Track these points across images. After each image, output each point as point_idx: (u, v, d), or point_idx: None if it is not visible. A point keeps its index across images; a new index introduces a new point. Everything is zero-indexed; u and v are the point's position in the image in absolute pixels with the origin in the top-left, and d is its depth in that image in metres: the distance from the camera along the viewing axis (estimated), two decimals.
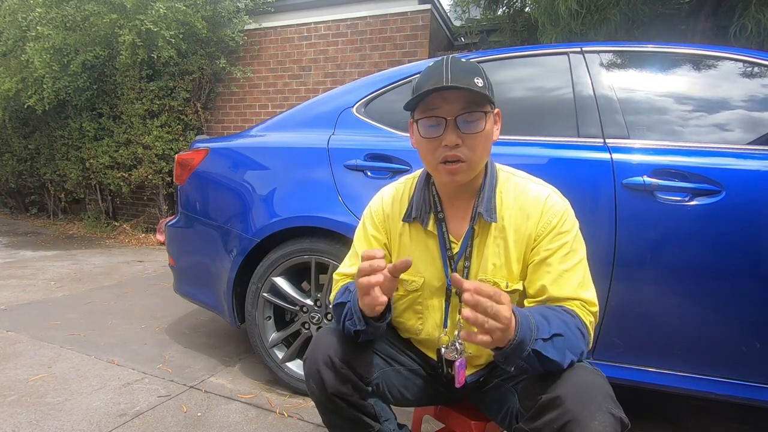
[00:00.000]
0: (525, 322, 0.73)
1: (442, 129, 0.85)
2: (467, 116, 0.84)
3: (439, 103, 0.85)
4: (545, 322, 0.76)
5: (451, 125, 0.84)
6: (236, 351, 2.23)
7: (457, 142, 0.84)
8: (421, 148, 0.90)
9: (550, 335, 0.74)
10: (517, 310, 0.73)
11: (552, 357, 0.74)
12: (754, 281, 1.27)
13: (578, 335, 0.79)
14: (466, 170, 0.87)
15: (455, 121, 0.84)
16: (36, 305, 2.81)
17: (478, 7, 4.79)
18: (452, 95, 0.84)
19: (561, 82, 1.58)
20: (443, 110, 0.84)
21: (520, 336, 0.70)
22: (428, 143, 0.87)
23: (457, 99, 0.84)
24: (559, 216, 0.89)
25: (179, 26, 4.73)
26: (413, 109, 0.90)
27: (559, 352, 0.75)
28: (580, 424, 0.69)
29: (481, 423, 1.01)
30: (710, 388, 1.34)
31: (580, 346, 0.79)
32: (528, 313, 0.76)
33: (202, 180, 2.00)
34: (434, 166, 0.89)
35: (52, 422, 1.54)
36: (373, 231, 1.02)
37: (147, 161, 5.24)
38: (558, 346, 0.75)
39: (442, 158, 0.86)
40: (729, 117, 1.45)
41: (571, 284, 0.85)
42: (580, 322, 0.82)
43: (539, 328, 0.74)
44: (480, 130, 0.85)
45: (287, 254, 1.75)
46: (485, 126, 0.86)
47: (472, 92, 0.82)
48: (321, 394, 0.91)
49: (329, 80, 4.91)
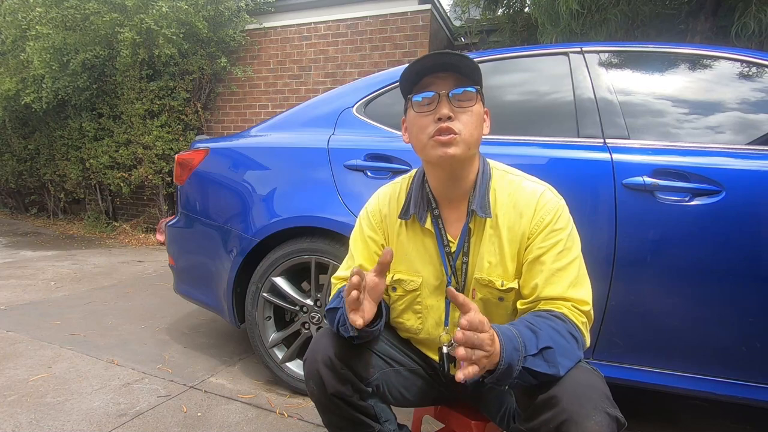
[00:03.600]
0: (510, 344, 0.72)
1: (435, 104, 0.86)
2: (460, 95, 0.86)
3: (433, 81, 0.87)
4: (533, 337, 0.75)
5: (444, 98, 0.86)
6: (236, 351, 2.23)
7: (450, 114, 0.85)
8: (413, 127, 0.90)
9: (539, 350, 0.74)
10: (502, 332, 0.73)
11: (543, 371, 0.73)
12: (754, 281, 1.27)
13: (571, 341, 0.78)
14: (459, 143, 0.86)
15: (448, 95, 0.86)
16: (36, 305, 2.81)
17: (477, 7, 4.80)
18: (445, 75, 0.87)
19: (561, 82, 1.58)
20: (436, 86, 0.87)
21: (506, 360, 0.71)
22: (421, 118, 0.88)
23: (449, 77, 0.87)
24: (552, 213, 0.88)
25: (180, 26, 4.73)
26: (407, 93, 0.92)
27: (550, 365, 0.74)
28: (576, 424, 0.69)
29: (481, 423, 1.01)
30: (710, 388, 1.34)
31: (575, 352, 0.78)
32: (515, 332, 0.74)
33: (202, 180, 2.00)
34: (426, 143, 0.88)
35: (51, 422, 1.54)
36: (369, 232, 1.02)
37: (147, 161, 5.24)
38: (549, 358, 0.74)
39: (434, 132, 0.86)
40: (729, 117, 1.45)
41: (563, 283, 0.85)
42: (571, 326, 0.81)
43: (526, 345, 0.74)
44: (472, 105, 0.87)
45: (287, 254, 1.75)
46: (476, 104, 0.88)
47: (464, 74, 0.86)
48: (321, 394, 0.91)
49: (329, 80, 4.91)
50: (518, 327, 0.77)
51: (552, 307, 0.84)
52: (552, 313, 0.82)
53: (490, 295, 0.92)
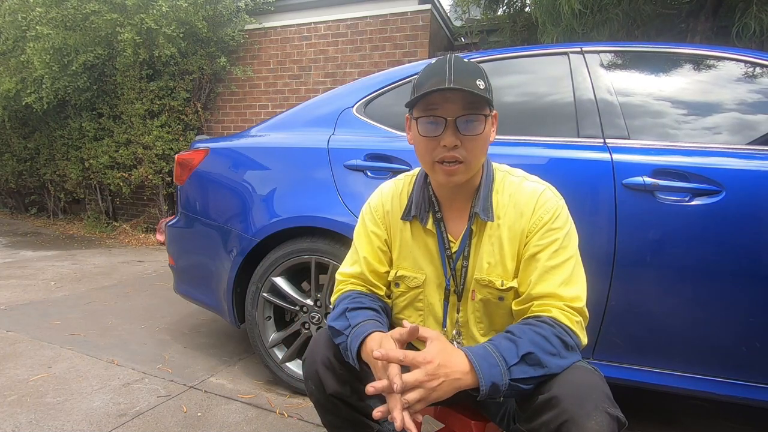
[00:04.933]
0: (484, 362, 0.73)
1: (441, 129, 0.84)
2: (467, 118, 0.84)
3: (440, 103, 0.84)
4: (512, 346, 0.76)
5: (451, 126, 0.84)
6: (236, 351, 2.23)
7: (456, 143, 0.83)
8: (419, 146, 0.90)
9: (520, 357, 0.74)
10: (473, 352, 0.75)
11: (531, 375, 0.74)
12: (754, 281, 1.26)
13: (556, 343, 0.77)
14: (463, 171, 0.86)
15: (455, 122, 0.84)
16: (36, 305, 2.81)
17: (478, 7, 4.79)
18: (454, 96, 0.83)
19: (561, 82, 1.58)
20: (444, 110, 0.84)
21: (487, 379, 0.72)
22: (427, 142, 0.87)
23: (458, 100, 0.83)
24: (551, 212, 0.88)
25: (180, 26, 4.73)
26: (413, 107, 0.90)
27: (536, 368, 0.74)
28: (577, 424, 0.69)
29: (481, 423, 1.01)
30: (710, 388, 1.33)
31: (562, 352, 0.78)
32: (489, 348, 0.76)
33: (202, 180, 2.00)
34: (431, 165, 0.88)
35: (52, 422, 1.54)
36: (372, 227, 1.02)
37: (147, 161, 5.24)
38: (532, 362, 0.75)
39: (439, 158, 0.85)
40: (729, 117, 1.44)
41: (554, 281, 0.84)
42: (560, 329, 0.80)
43: (505, 357, 0.74)
44: (479, 132, 0.84)
45: (287, 254, 1.75)
46: (484, 128, 0.85)
47: (474, 95, 0.82)
48: (320, 394, 0.91)
49: (329, 80, 4.91)
50: (495, 341, 0.78)
51: (542, 310, 0.84)
52: (540, 318, 0.82)
53: (490, 295, 0.92)
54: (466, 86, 0.81)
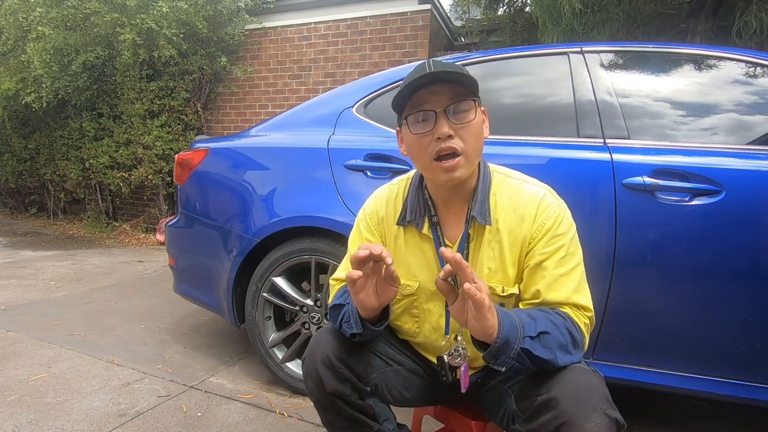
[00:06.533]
0: (507, 320, 0.74)
1: (432, 123, 0.83)
2: (456, 106, 0.83)
3: (427, 97, 0.83)
4: (532, 321, 0.77)
5: (442, 116, 0.83)
6: (236, 351, 2.23)
7: (450, 132, 0.82)
8: (413, 147, 0.88)
9: (537, 333, 0.75)
10: (500, 309, 0.75)
11: (541, 355, 0.75)
12: (754, 281, 1.26)
13: (566, 335, 0.78)
14: (463, 164, 0.84)
15: (444, 112, 0.83)
16: (36, 305, 2.81)
17: (478, 7, 4.79)
18: (439, 89, 0.82)
19: (561, 82, 1.58)
20: (432, 103, 0.83)
21: (504, 333, 0.73)
22: (419, 139, 0.85)
23: (444, 91, 0.83)
24: (554, 218, 0.87)
25: (180, 26, 4.73)
26: (401, 111, 0.89)
27: (548, 350, 0.75)
28: (576, 426, 0.69)
29: (481, 423, 1.01)
30: (710, 388, 1.33)
31: (569, 347, 0.78)
32: (512, 313, 0.77)
33: (202, 180, 2.00)
34: (428, 165, 0.86)
35: (52, 422, 1.54)
36: (367, 234, 1.01)
37: (147, 161, 5.24)
38: (546, 344, 0.76)
39: (435, 153, 0.83)
40: (730, 117, 1.44)
41: (566, 289, 0.84)
42: (571, 324, 0.81)
43: (525, 327, 0.75)
44: (470, 119, 0.83)
45: (287, 254, 1.75)
46: (475, 116, 0.84)
47: (459, 85, 0.82)
48: (319, 393, 0.91)
49: (329, 80, 4.91)
50: (516, 312, 0.79)
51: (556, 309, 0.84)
52: (555, 311, 0.83)
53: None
54: (450, 74, 0.81)
